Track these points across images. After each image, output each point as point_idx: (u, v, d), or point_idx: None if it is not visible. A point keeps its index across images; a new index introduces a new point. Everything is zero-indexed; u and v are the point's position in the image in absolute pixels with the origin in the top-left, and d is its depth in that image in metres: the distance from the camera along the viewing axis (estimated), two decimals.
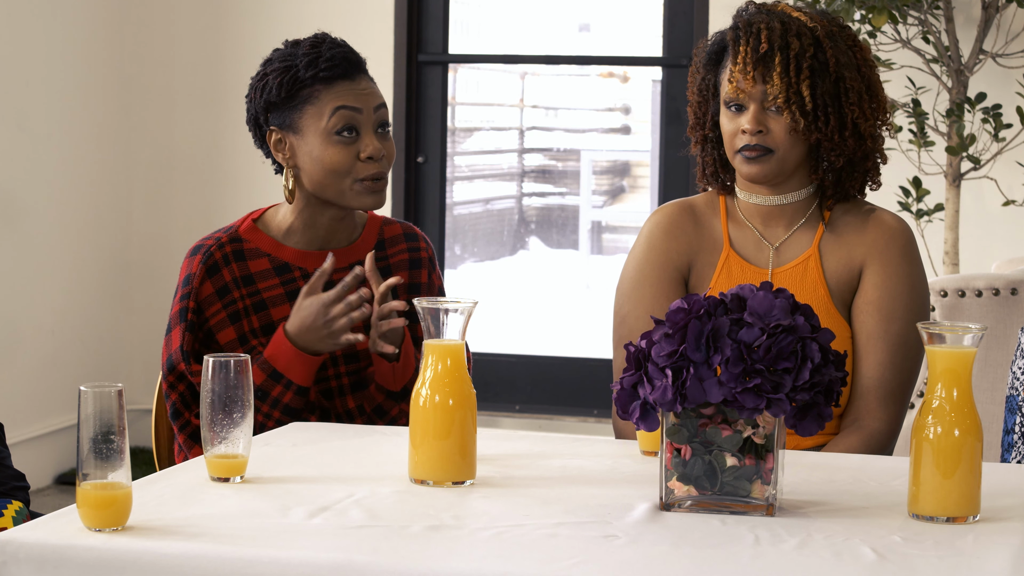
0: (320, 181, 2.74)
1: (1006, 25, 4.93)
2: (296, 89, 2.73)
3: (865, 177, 2.80)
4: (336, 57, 2.73)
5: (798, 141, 2.74)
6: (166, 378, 2.72)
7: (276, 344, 2.70)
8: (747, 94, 2.73)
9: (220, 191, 5.87)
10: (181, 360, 2.70)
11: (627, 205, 6.47)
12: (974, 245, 5.03)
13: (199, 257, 2.75)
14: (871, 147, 2.77)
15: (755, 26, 2.73)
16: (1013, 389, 2.60)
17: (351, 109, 2.73)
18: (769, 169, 2.75)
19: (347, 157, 2.73)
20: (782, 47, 2.71)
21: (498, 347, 5.88)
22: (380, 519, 2.00)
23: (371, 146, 2.74)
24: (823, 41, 2.72)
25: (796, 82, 2.70)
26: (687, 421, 2.05)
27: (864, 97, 2.74)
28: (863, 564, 1.84)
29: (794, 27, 2.73)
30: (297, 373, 2.68)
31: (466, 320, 2.19)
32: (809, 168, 2.79)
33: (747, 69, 2.71)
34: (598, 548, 1.89)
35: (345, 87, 2.74)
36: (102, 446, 1.93)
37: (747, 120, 2.73)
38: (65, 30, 5.55)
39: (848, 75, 2.72)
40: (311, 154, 2.74)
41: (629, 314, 2.82)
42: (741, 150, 2.75)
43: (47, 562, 1.88)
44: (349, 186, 2.74)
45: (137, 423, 5.26)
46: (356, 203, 2.75)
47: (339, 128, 2.72)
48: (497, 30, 6.21)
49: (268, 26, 5.74)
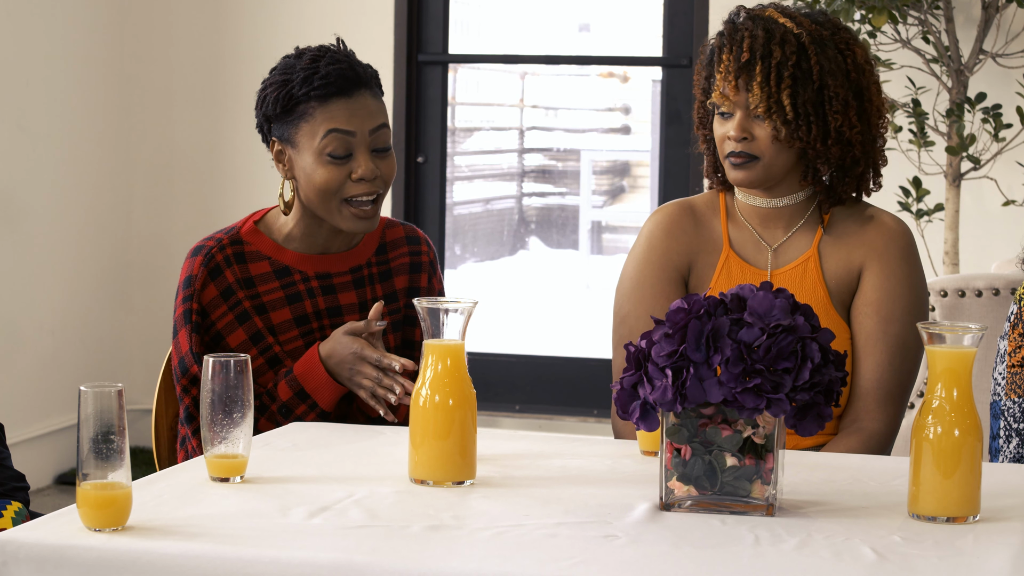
0: (311, 199, 2.73)
1: (1006, 25, 4.93)
2: (292, 105, 2.70)
3: (858, 182, 2.79)
4: (332, 74, 2.68)
5: (783, 148, 2.74)
6: (179, 381, 2.70)
7: (308, 363, 2.69)
8: (732, 102, 2.73)
9: (220, 191, 5.87)
10: (193, 363, 2.68)
11: (627, 205, 6.47)
12: (974, 245, 5.03)
13: (200, 259, 2.74)
14: (860, 153, 2.76)
15: (739, 34, 2.74)
16: (995, 395, 2.60)
17: (344, 132, 2.69)
18: (755, 175, 2.75)
19: (337, 177, 2.70)
20: (764, 55, 2.71)
21: (498, 347, 5.88)
22: (380, 519, 2.00)
23: (363, 167, 2.70)
24: (808, 48, 2.71)
25: (776, 91, 2.70)
26: (687, 421, 2.05)
27: (850, 104, 2.72)
28: (863, 564, 1.85)
29: (778, 34, 2.72)
30: (324, 397, 2.68)
31: (466, 320, 2.19)
32: (800, 172, 2.79)
33: (729, 78, 2.72)
34: (598, 548, 1.89)
35: (340, 105, 2.69)
36: (102, 446, 1.93)
37: (732, 127, 2.74)
38: (65, 30, 5.55)
39: (832, 82, 2.71)
40: (305, 170, 2.72)
41: (629, 314, 2.82)
42: (728, 156, 2.76)
43: (47, 562, 1.88)
44: (337, 207, 2.71)
45: (137, 423, 5.26)
46: (344, 226, 2.73)
47: (330, 151, 2.69)
48: (497, 30, 6.21)
49: (268, 26, 5.74)
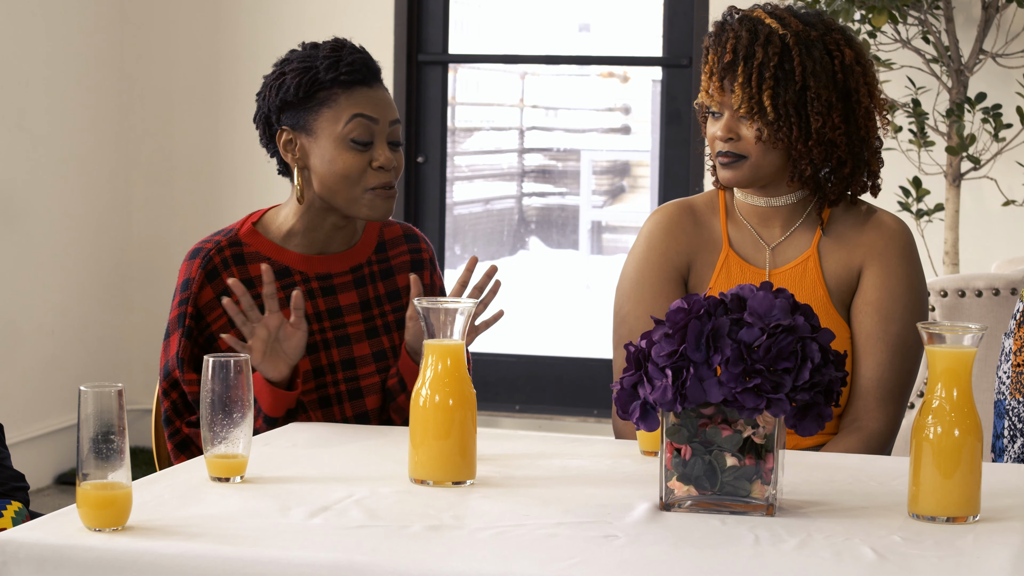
0: (331, 186, 2.72)
1: (1006, 25, 4.94)
2: (314, 90, 2.71)
3: (848, 183, 2.78)
4: (357, 62, 2.71)
5: (769, 148, 2.74)
6: (160, 384, 2.71)
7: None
8: (718, 102, 2.74)
9: (220, 191, 5.87)
10: (176, 367, 2.68)
11: (627, 205, 6.47)
12: (974, 245, 5.03)
13: (198, 261, 2.73)
14: (846, 155, 2.75)
15: (725, 35, 2.75)
16: (1000, 394, 2.60)
17: (368, 119, 2.70)
18: (742, 175, 2.76)
19: (359, 164, 2.71)
20: (746, 56, 2.72)
21: (498, 347, 5.88)
22: (380, 519, 2.00)
23: (383, 155, 2.71)
24: (792, 48, 2.71)
25: (758, 92, 2.71)
26: (687, 421, 2.05)
27: (834, 105, 2.72)
28: (863, 564, 1.85)
29: (763, 35, 2.73)
30: (265, 400, 2.64)
31: (466, 320, 2.19)
32: (790, 173, 2.79)
33: (714, 78, 2.73)
34: (598, 548, 1.89)
35: (363, 94, 2.71)
36: (102, 446, 1.93)
37: (720, 127, 2.75)
38: (65, 30, 5.55)
39: (815, 83, 2.71)
40: (323, 157, 2.72)
41: (629, 314, 2.82)
42: (717, 155, 2.77)
43: (47, 562, 1.88)
44: (360, 194, 2.71)
45: (137, 423, 5.26)
46: (366, 212, 2.72)
47: (354, 136, 2.71)
48: (497, 30, 6.21)
49: (268, 26, 5.74)
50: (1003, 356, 2.62)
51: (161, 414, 2.72)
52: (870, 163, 2.78)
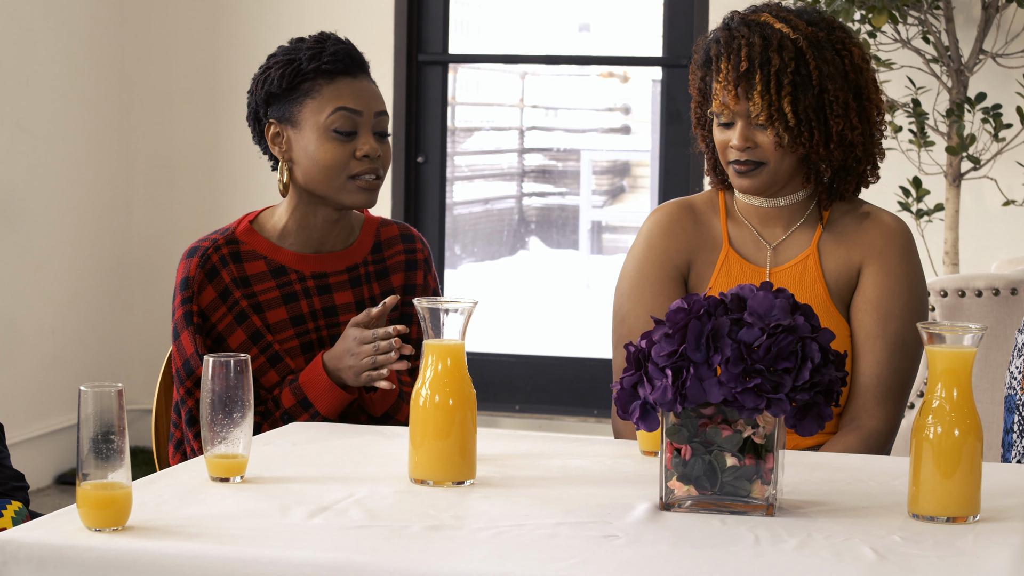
0: (314, 176, 2.73)
1: (1006, 25, 4.93)
2: (298, 81, 2.73)
3: (859, 180, 2.80)
4: (339, 52, 2.73)
5: (787, 153, 2.74)
6: (183, 384, 2.69)
7: (312, 371, 2.69)
8: (732, 111, 2.73)
9: (220, 191, 5.87)
10: (199, 365, 2.67)
11: (627, 205, 6.47)
12: (974, 245, 5.03)
13: (196, 260, 2.73)
14: (862, 153, 2.76)
15: (736, 42, 2.73)
16: (1011, 389, 2.60)
17: (351, 111, 2.72)
18: (761, 181, 2.76)
19: (343, 154, 2.72)
20: (762, 63, 2.70)
21: (498, 347, 5.88)
22: (380, 519, 2.00)
23: (368, 144, 2.73)
24: (806, 52, 2.71)
25: (777, 99, 2.70)
26: (687, 421, 2.05)
27: (851, 105, 2.72)
28: (863, 564, 1.85)
29: (775, 41, 2.72)
30: (325, 404, 2.67)
31: (466, 320, 2.19)
32: (803, 174, 2.79)
33: (729, 87, 2.71)
34: (598, 548, 1.89)
35: (346, 84, 2.73)
36: (102, 446, 1.93)
37: (735, 136, 2.73)
38: (65, 30, 5.55)
39: (832, 86, 2.71)
40: (307, 148, 2.73)
41: (629, 313, 2.82)
42: (732, 163, 2.76)
43: (47, 562, 1.88)
44: (342, 183, 2.73)
45: (137, 423, 5.26)
46: (348, 200, 2.74)
47: (337, 126, 2.72)
48: (497, 30, 6.21)
49: (268, 26, 5.74)
50: (1015, 351, 2.62)
51: (183, 415, 2.70)
52: (876, 156, 2.80)
